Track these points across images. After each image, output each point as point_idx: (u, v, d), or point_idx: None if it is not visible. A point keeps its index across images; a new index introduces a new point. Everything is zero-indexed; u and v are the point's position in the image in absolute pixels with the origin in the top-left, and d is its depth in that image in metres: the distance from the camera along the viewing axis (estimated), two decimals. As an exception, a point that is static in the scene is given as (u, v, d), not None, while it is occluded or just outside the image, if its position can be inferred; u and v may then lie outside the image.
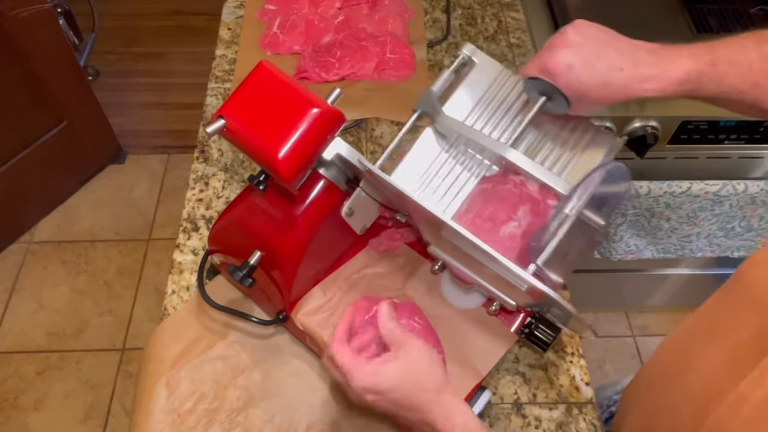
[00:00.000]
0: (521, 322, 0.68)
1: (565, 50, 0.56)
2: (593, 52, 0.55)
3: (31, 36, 1.55)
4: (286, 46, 1.06)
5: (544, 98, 0.61)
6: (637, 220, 1.16)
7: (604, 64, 0.55)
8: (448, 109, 0.68)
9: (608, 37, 0.57)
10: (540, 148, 0.66)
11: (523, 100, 0.67)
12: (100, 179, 1.98)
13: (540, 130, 0.66)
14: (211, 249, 0.73)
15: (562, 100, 0.59)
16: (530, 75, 0.59)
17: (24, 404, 1.57)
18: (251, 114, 0.57)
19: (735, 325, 0.48)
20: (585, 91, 0.56)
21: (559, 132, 0.66)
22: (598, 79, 0.55)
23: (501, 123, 0.67)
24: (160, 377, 0.72)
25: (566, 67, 0.56)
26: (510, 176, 0.64)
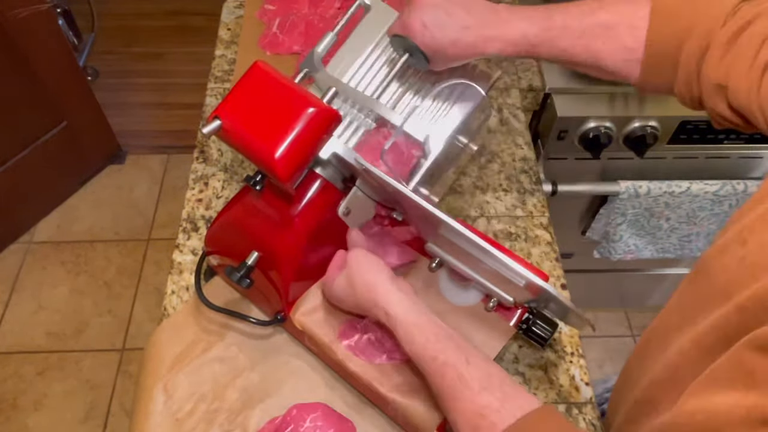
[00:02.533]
0: (519, 318, 0.68)
1: (422, 10, 0.61)
2: (445, 12, 0.60)
3: (31, 36, 1.55)
4: (285, 47, 1.06)
5: (407, 54, 0.66)
6: (637, 219, 1.16)
7: (453, 23, 0.60)
8: (345, 49, 0.72)
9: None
10: (405, 100, 0.71)
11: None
12: (99, 179, 1.99)
13: (408, 84, 0.71)
14: (208, 250, 0.73)
15: (421, 55, 0.64)
16: (393, 33, 0.64)
17: (23, 404, 1.57)
18: (247, 114, 0.57)
19: (699, 314, 0.48)
20: (438, 48, 0.61)
21: (422, 85, 0.71)
22: (448, 37, 0.60)
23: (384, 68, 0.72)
24: (158, 381, 0.72)
25: (421, 25, 0.61)
26: (381, 129, 0.69)
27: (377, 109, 0.67)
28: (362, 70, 0.72)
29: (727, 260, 0.47)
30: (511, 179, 0.93)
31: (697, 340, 0.48)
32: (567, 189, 1.09)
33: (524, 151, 0.96)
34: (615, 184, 1.10)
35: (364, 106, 0.69)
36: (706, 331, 0.47)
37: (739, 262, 0.45)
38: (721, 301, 0.45)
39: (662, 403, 0.50)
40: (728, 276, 0.46)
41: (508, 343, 0.70)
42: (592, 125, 1.03)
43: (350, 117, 0.70)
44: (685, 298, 0.54)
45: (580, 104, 1.03)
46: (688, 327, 0.50)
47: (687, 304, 0.53)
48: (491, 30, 0.59)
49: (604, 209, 1.17)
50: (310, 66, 0.70)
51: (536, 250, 0.85)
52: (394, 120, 0.67)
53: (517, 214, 0.89)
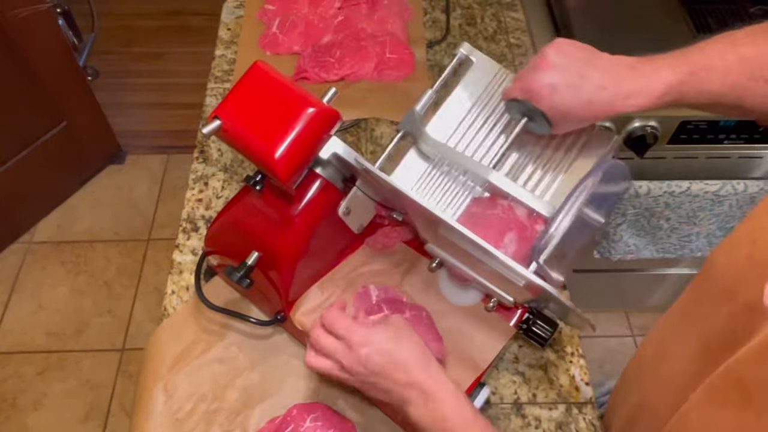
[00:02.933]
0: (519, 318, 0.68)
1: (548, 72, 0.56)
2: (575, 73, 0.56)
3: (31, 36, 1.55)
4: (285, 47, 1.06)
5: (526, 119, 0.61)
6: (637, 219, 1.16)
7: (586, 84, 0.55)
8: (445, 109, 0.68)
9: (588, 55, 0.57)
10: (524, 168, 0.66)
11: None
12: (99, 179, 1.98)
13: (524, 150, 0.66)
14: (208, 250, 0.73)
15: (543, 120, 0.59)
16: (513, 97, 0.60)
17: (23, 404, 1.57)
18: (247, 114, 0.57)
19: (706, 313, 0.48)
20: (568, 112, 0.57)
21: (543, 151, 0.66)
22: (581, 99, 0.56)
23: (495, 129, 0.67)
24: (158, 381, 0.72)
25: (549, 89, 0.56)
26: (498, 201, 0.64)
27: (495, 180, 0.62)
28: (468, 135, 0.67)
29: (734, 259, 0.46)
30: (511, 179, 0.93)
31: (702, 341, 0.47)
32: (567, 189, 1.09)
33: (524, 151, 0.96)
34: (615, 184, 1.10)
35: (473, 173, 0.63)
36: (711, 331, 0.46)
37: (747, 259, 0.45)
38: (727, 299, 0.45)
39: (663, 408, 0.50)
40: (735, 274, 0.46)
41: (508, 343, 0.70)
42: (592, 125, 1.03)
43: (455, 183, 0.65)
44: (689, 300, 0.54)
45: (580, 104, 1.02)
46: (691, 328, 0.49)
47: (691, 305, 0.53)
48: (630, 86, 0.55)
49: (604, 209, 1.17)
50: (412, 127, 0.65)
51: (536, 250, 0.85)
52: (515, 193, 0.62)
53: (517, 214, 0.89)
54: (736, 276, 0.45)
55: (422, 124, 0.66)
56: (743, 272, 0.44)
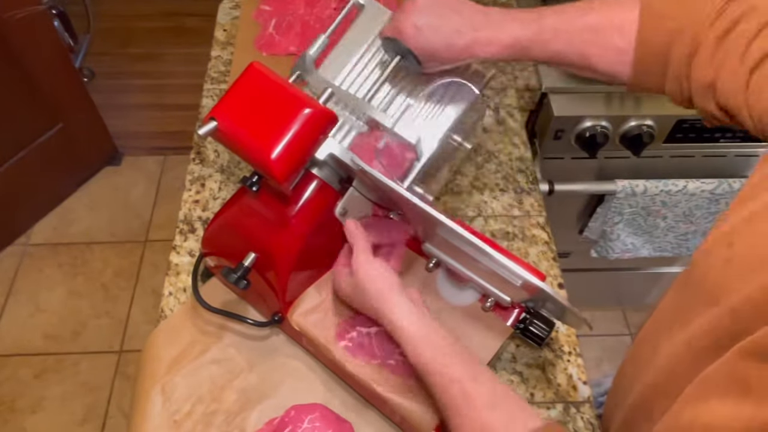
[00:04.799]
0: (516, 317, 0.68)
1: (415, 13, 0.61)
2: (438, 15, 0.61)
3: (26, 38, 1.54)
4: (282, 47, 1.06)
5: (398, 57, 0.66)
6: (634, 218, 1.16)
7: (446, 27, 0.60)
8: (336, 52, 0.72)
9: (454, 0, 0.62)
10: (397, 102, 0.71)
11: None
12: (96, 181, 1.98)
13: (398, 87, 0.71)
14: (204, 251, 0.73)
15: (413, 58, 0.64)
16: (385, 35, 0.65)
17: (21, 407, 1.57)
18: (243, 115, 0.57)
19: (691, 316, 0.48)
20: (431, 51, 0.62)
21: (414, 88, 0.71)
22: (442, 40, 0.61)
23: (377, 69, 0.72)
24: (156, 383, 0.72)
25: (414, 29, 0.61)
26: (375, 132, 0.68)
27: (369, 112, 0.67)
28: (355, 72, 0.72)
29: (713, 262, 0.47)
30: (507, 179, 0.93)
31: (689, 344, 0.47)
32: (564, 188, 1.09)
33: (521, 151, 0.96)
34: (612, 183, 1.10)
35: (356, 109, 0.68)
36: (698, 333, 0.46)
37: (725, 263, 0.45)
38: (710, 302, 0.45)
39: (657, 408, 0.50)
40: (716, 278, 0.46)
41: (505, 343, 0.70)
42: (588, 124, 1.03)
43: (342, 119, 0.70)
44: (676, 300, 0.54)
45: (576, 104, 1.03)
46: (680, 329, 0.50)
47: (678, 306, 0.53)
48: (483, 33, 0.60)
49: (601, 208, 1.17)
50: (302, 68, 0.70)
51: (533, 250, 0.85)
52: (385, 122, 0.66)
53: (514, 213, 0.89)
54: (716, 280, 0.45)
55: (313, 66, 0.70)
56: (723, 276, 0.45)
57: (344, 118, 0.69)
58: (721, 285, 0.44)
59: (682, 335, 0.49)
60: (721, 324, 0.44)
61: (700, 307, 0.47)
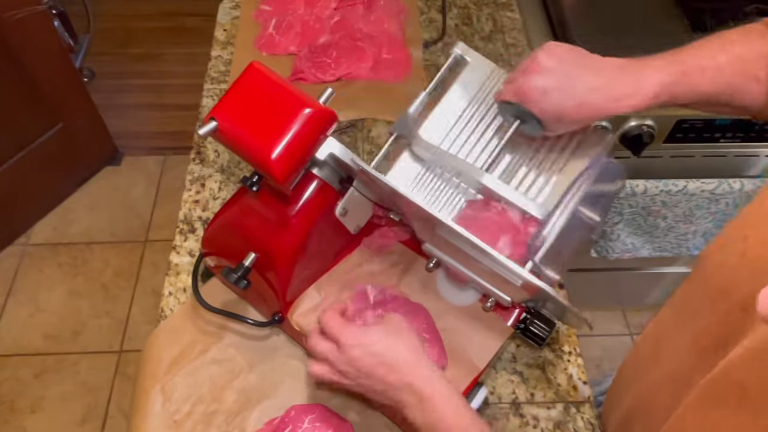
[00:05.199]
0: (516, 317, 0.68)
1: (539, 75, 0.56)
2: (566, 75, 0.56)
3: (26, 38, 1.54)
4: (282, 47, 1.06)
5: (518, 121, 0.62)
6: (634, 218, 1.16)
7: (578, 86, 0.55)
8: (440, 110, 0.68)
9: (579, 57, 0.57)
10: (517, 170, 0.66)
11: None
12: (96, 181, 1.98)
13: (518, 152, 0.66)
14: (205, 251, 0.73)
15: (536, 122, 0.59)
16: (504, 99, 0.60)
17: (21, 407, 1.56)
18: (243, 115, 0.57)
19: (699, 313, 0.48)
20: (560, 114, 0.57)
21: (536, 152, 0.66)
22: (573, 102, 0.56)
23: (489, 130, 0.67)
24: (156, 383, 0.72)
25: (541, 92, 0.56)
26: (491, 203, 0.64)
27: (485, 181, 0.62)
28: (463, 136, 0.66)
29: (726, 256, 0.47)
30: (508, 179, 0.93)
31: (695, 340, 0.47)
32: (564, 188, 1.09)
33: (521, 151, 0.96)
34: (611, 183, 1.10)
35: (469, 177, 0.63)
36: (705, 329, 0.46)
37: (739, 257, 0.45)
38: (721, 298, 0.45)
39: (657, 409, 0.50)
40: (728, 272, 0.46)
41: (505, 343, 0.70)
42: (588, 124, 1.03)
43: (447, 185, 0.65)
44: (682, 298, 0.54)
45: (576, 103, 1.03)
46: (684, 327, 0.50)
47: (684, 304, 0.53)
48: (623, 88, 0.55)
49: (601, 208, 1.17)
50: (404, 129, 0.65)
51: (533, 250, 0.85)
52: (508, 195, 0.62)
53: (514, 213, 0.89)
54: (728, 275, 0.45)
55: (416, 127, 0.66)
56: (735, 271, 0.44)
57: (450, 184, 0.65)
58: (734, 279, 0.44)
59: (688, 333, 0.49)
60: (730, 319, 0.43)
61: (709, 302, 0.47)
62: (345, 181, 0.68)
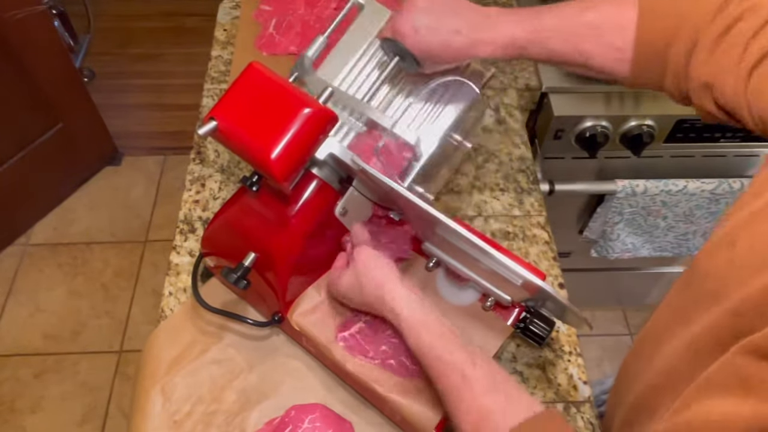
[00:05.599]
0: (516, 317, 0.68)
1: (412, 14, 0.62)
2: (436, 15, 0.61)
3: (27, 38, 1.54)
4: (282, 47, 1.06)
5: (398, 58, 0.66)
6: (634, 218, 1.16)
7: (444, 27, 0.61)
8: (335, 53, 0.72)
9: (452, 1, 0.62)
10: (396, 103, 0.71)
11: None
12: (96, 181, 1.98)
13: (400, 87, 0.71)
14: (204, 252, 0.73)
15: (412, 59, 0.64)
16: (384, 36, 0.65)
17: (21, 407, 1.56)
18: (243, 115, 0.57)
19: (693, 316, 0.48)
20: (430, 52, 0.62)
21: (413, 88, 0.71)
22: (439, 41, 0.61)
23: (376, 69, 0.71)
24: (156, 383, 0.72)
25: (412, 29, 0.61)
26: (373, 132, 0.68)
27: (368, 112, 0.67)
28: (354, 73, 0.72)
29: (716, 262, 0.47)
30: (508, 179, 0.93)
31: (691, 343, 0.47)
32: (564, 188, 1.09)
33: (521, 151, 0.96)
34: (612, 183, 1.10)
35: (355, 110, 0.68)
36: (699, 333, 0.46)
37: (727, 263, 0.45)
38: (712, 302, 0.45)
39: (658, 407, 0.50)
40: (718, 277, 0.46)
41: (505, 342, 0.70)
42: (588, 124, 1.03)
43: (341, 120, 0.70)
44: (678, 299, 0.54)
45: (576, 103, 1.03)
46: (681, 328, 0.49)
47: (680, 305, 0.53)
48: (481, 33, 0.60)
49: (601, 208, 1.17)
50: (301, 69, 0.70)
51: (534, 250, 0.85)
52: (384, 122, 0.66)
53: (514, 213, 0.89)
54: (718, 279, 0.45)
55: (311, 67, 0.70)
56: (725, 276, 0.45)
57: (343, 119, 0.69)
58: (723, 285, 0.44)
59: (684, 335, 0.49)
60: (723, 324, 0.44)
61: (702, 306, 0.47)
62: (345, 181, 0.68)
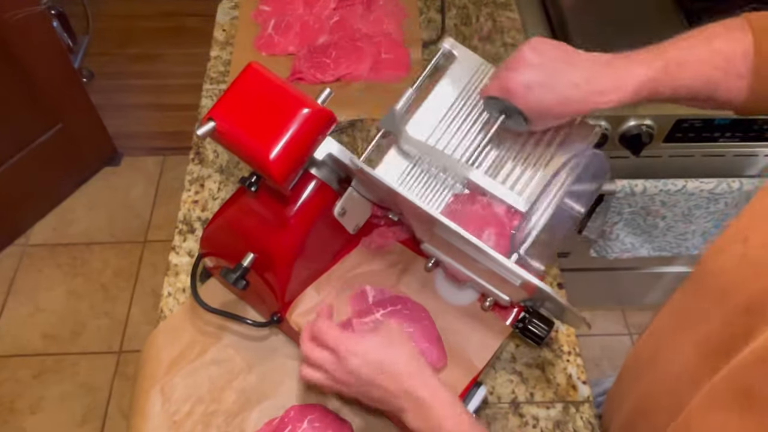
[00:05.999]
0: (515, 317, 0.68)
1: (523, 70, 0.57)
2: (550, 71, 0.56)
3: (25, 38, 1.54)
4: (281, 47, 1.06)
5: (503, 116, 0.62)
6: (633, 218, 1.16)
7: (561, 81, 0.56)
8: (427, 106, 0.69)
9: (563, 53, 0.58)
10: (503, 165, 0.67)
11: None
12: (95, 181, 1.98)
13: (504, 147, 0.67)
14: (203, 252, 0.73)
15: (520, 117, 0.60)
16: (489, 95, 0.60)
17: (20, 408, 1.56)
18: (242, 116, 0.57)
19: (701, 315, 0.48)
20: (544, 110, 0.58)
21: (522, 147, 0.67)
22: (556, 97, 0.56)
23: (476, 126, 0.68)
24: (155, 383, 0.72)
25: (525, 87, 0.57)
26: (477, 197, 0.65)
27: (472, 176, 0.63)
28: (450, 131, 0.67)
29: (727, 259, 0.46)
30: (507, 179, 0.93)
31: (698, 344, 0.47)
32: (563, 188, 1.09)
33: (520, 151, 0.96)
34: (611, 183, 1.10)
35: (456, 172, 0.64)
36: (707, 334, 0.46)
37: (740, 259, 0.45)
38: (722, 300, 0.45)
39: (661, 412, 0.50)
40: (729, 274, 0.45)
41: (504, 342, 0.70)
42: (587, 124, 1.03)
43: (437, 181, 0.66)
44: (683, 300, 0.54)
45: (575, 103, 1.03)
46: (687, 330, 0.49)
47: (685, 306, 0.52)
48: (606, 82, 0.55)
49: (600, 208, 1.17)
50: (391, 125, 0.65)
51: (533, 250, 0.85)
52: (491, 189, 0.62)
53: (513, 213, 0.89)
54: (729, 277, 0.45)
55: (403, 122, 0.66)
56: (736, 272, 0.44)
57: (437, 179, 0.66)
58: (736, 281, 0.44)
59: (690, 337, 0.48)
60: (734, 322, 0.43)
61: (710, 305, 0.46)
62: (343, 181, 0.68)
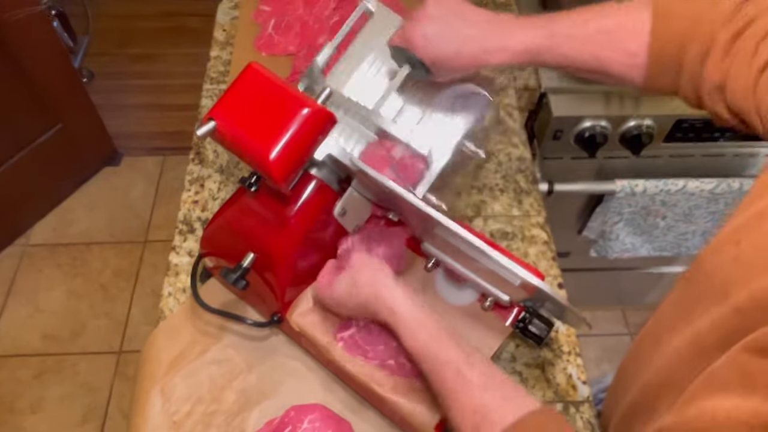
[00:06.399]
0: (515, 317, 0.68)
1: (423, 22, 0.61)
2: (447, 24, 0.60)
3: (26, 38, 1.54)
4: (281, 48, 1.06)
5: (408, 66, 0.65)
6: (633, 218, 1.16)
7: (457, 35, 0.60)
8: (345, 60, 0.71)
9: (464, 9, 0.61)
10: (410, 112, 0.70)
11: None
12: (95, 181, 1.98)
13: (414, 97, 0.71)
14: (204, 252, 0.73)
15: (423, 67, 0.63)
16: (394, 44, 0.64)
17: (20, 408, 1.56)
18: (242, 116, 0.57)
19: (696, 313, 0.48)
20: (440, 60, 0.61)
21: (424, 96, 0.70)
22: (450, 49, 0.60)
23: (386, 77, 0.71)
24: (156, 383, 0.72)
25: (422, 37, 0.60)
26: (385, 143, 0.68)
27: (379, 122, 0.66)
28: (364, 81, 0.70)
29: (721, 260, 0.47)
30: (507, 179, 0.93)
31: (694, 341, 0.47)
32: (563, 188, 1.09)
33: (520, 151, 0.96)
34: (611, 183, 1.10)
35: (366, 119, 0.67)
36: (702, 331, 0.46)
37: (732, 261, 0.45)
38: (716, 300, 0.45)
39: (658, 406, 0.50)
40: (722, 276, 0.46)
41: (504, 342, 0.70)
42: (587, 124, 1.03)
43: (351, 129, 0.69)
44: (680, 297, 0.54)
45: (575, 103, 1.03)
46: (683, 327, 0.49)
47: (682, 303, 0.53)
48: (494, 41, 0.59)
49: (600, 208, 1.17)
50: (311, 78, 0.68)
51: (533, 250, 0.85)
52: (396, 133, 0.66)
53: (513, 213, 0.89)
54: (723, 277, 0.45)
55: (321, 77, 0.69)
56: (730, 274, 0.45)
57: (354, 128, 0.68)
58: (728, 282, 0.44)
59: (687, 333, 0.49)
60: (727, 321, 0.43)
61: (705, 304, 0.47)
62: (343, 182, 0.68)
